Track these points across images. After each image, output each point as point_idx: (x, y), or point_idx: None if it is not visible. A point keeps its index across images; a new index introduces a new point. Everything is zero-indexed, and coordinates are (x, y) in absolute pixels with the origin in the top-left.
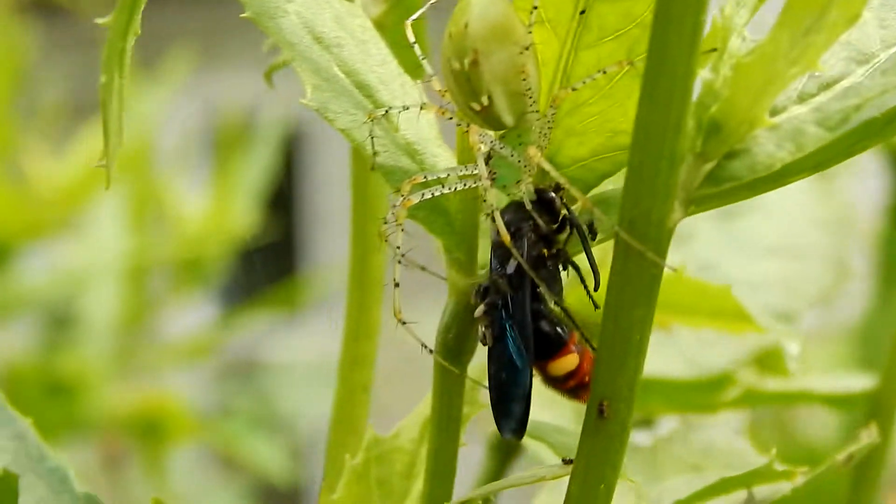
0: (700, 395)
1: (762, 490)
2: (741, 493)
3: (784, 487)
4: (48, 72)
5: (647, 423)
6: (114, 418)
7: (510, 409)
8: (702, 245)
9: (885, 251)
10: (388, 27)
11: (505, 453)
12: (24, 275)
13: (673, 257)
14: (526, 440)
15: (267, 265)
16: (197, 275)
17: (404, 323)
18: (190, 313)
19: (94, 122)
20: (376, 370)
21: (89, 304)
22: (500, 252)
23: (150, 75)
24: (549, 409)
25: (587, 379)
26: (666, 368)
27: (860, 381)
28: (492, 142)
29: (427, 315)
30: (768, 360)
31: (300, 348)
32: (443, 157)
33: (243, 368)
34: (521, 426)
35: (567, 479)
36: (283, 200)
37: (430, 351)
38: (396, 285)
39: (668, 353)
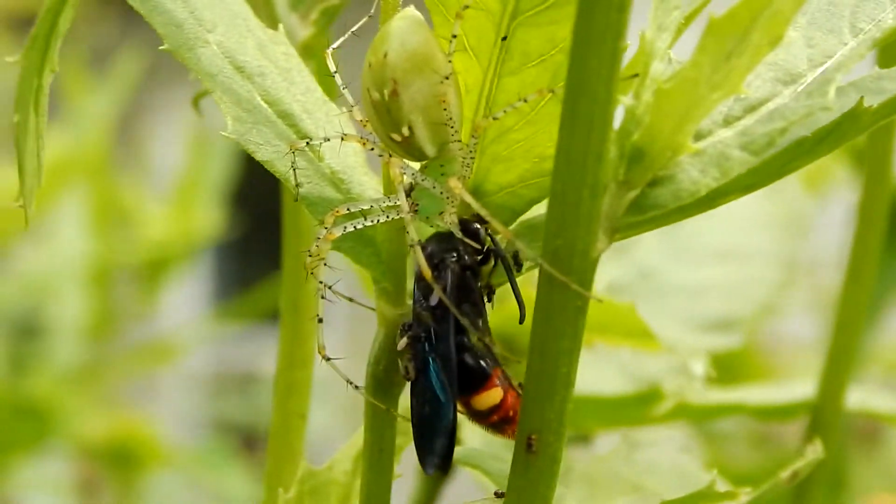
0: (632, 409)
1: None
2: None
3: None
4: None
5: (584, 439)
6: (86, 443)
7: (433, 445)
8: (644, 252)
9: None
10: (317, 51)
11: (437, 476)
12: None
13: (615, 266)
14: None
15: (241, 265)
16: (165, 275)
17: (328, 359)
18: (162, 316)
19: (50, 128)
20: None
21: (56, 312)
22: (424, 284)
23: (105, 77)
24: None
25: (511, 413)
26: (604, 381)
27: (797, 391)
28: (413, 173)
29: None
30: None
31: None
32: (369, 186)
33: (233, 380)
34: (444, 461)
35: None
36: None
37: (356, 387)
38: (320, 321)
39: (606, 366)
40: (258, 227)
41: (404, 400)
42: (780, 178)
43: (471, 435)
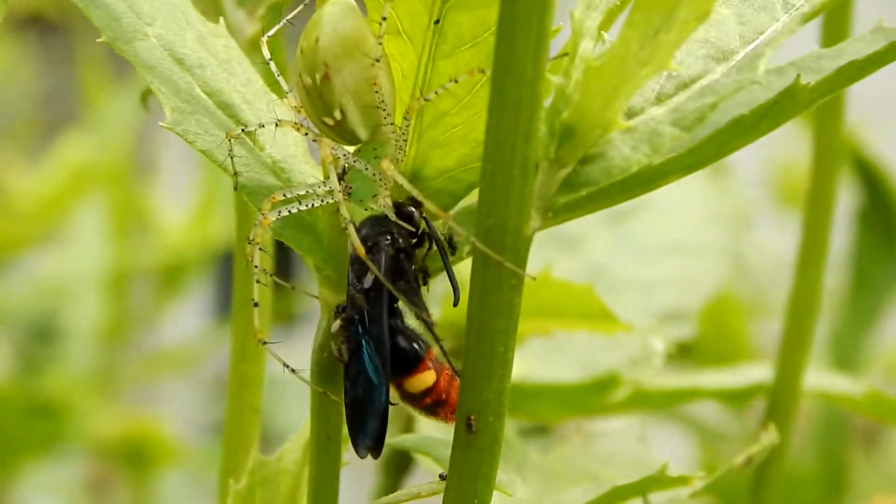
0: (590, 396)
1: (660, 497)
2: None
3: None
4: (35, 86)
5: (543, 430)
6: (99, 442)
7: (365, 427)
8: (594, 249)
9: (857, 257)
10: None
11: (397, 469)
12: (4, 289)
13: (565, 263)
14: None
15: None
16: (181, 282)
17: (265, 343)
18: (175, 323)
19: (70, 134)
20: None
21: (72, 317)
22: (357, 267)
23: (125, 83)
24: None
25: (444, 396)
26: (560, 374)
27: (752, 374)
28: (345, 156)
29: None
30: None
31: (297, 359)
32: (310, 174)
33: None
34: (377, 443)
35: None
36: None
37: (293, 371)
38: (256, 305)
39: (561, 359)
40: None
41: None
42: (721, 158)
43: (425, 423)
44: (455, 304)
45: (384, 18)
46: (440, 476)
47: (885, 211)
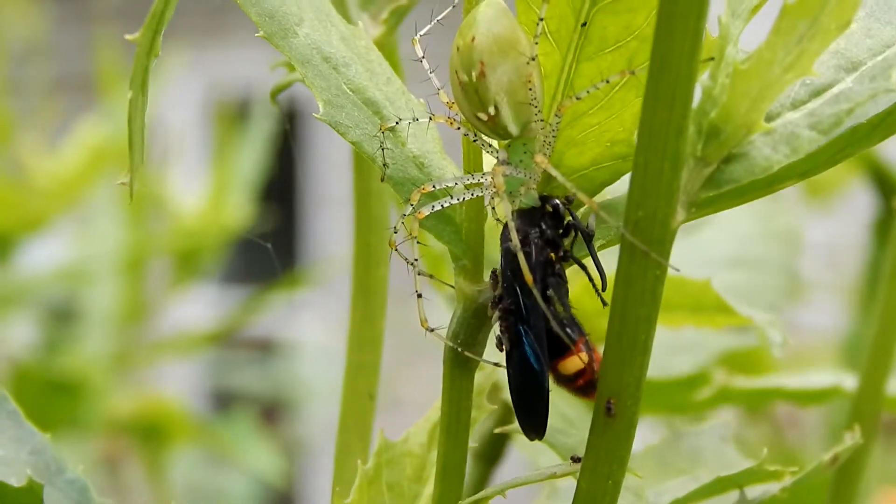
0: (675, 394)
1: (752, 490)
2: (733, 494)
3: (772, 488)
4: (56, 47)
5: None
6: (115, 420)
7: (534, 409)
8: None
9: (871, 266)
10: (387, 48)
11: (489, 461)
12: (22, 269)
13: None
14: (509, 448)
15: (267, 253)
16: (196, 266)
17: (432, 330)
18: (190, 304)
19: (88, 113)
20: None
21: (90, 299)
22: (512, 258)
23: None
24: None
25: (596, 377)
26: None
27: (830, 378)
28: (498, 150)
29: None
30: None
31: (306, 328)
32: (448, 170)
33: (253, 348)
34: (544, 424)
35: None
36: (283, 185)
37: (457, 349)
38: (419, 296)
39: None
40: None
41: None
42: (835, 164)
43: None
44: (603, 289)
45: (541, 19)
46: (573, 458)
47: None
